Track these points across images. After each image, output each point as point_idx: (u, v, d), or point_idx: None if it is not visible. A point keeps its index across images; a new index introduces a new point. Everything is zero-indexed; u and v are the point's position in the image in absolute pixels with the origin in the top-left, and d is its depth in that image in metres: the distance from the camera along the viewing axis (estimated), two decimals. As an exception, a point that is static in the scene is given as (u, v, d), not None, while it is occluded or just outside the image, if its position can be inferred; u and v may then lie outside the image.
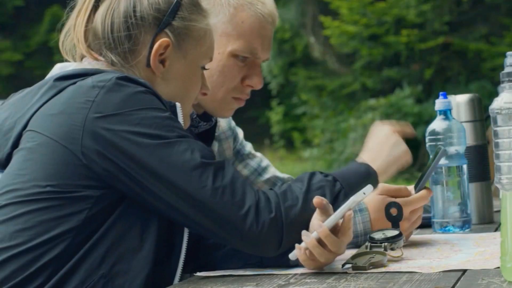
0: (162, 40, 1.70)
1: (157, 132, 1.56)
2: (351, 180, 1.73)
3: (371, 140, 1.94)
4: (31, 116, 1.63)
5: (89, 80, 1.60)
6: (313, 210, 1.63)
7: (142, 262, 1.58)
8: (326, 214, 1.60)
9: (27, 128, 1.62)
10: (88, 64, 1.70)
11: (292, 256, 1.58)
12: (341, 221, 1.58)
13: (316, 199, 1.59)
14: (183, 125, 1.67)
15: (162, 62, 1.72)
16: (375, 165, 1.82)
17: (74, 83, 1.61)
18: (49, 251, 1.54)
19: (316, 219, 1.62)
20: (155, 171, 1.55)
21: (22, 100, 1.68)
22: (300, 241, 1.58)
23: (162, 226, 1.62)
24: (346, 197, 1.65)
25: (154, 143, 1.56)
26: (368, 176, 1.77)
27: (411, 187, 1.92)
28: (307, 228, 1.61)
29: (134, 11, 1.68)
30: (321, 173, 1.72)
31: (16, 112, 1.67)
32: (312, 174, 1.69)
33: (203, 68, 1.79)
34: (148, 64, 1.70)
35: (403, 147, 1.93)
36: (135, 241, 1.58)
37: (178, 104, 1.67)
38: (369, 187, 1.62)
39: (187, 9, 1.73)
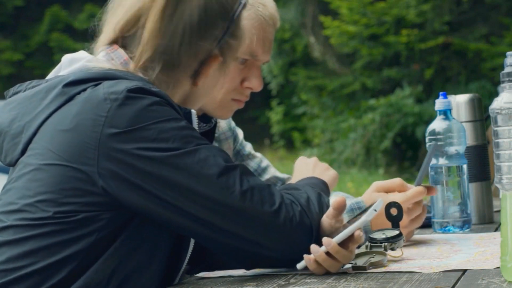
0: (215, 59, 1.65)
1: (175, 145, 1.50)
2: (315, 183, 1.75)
3: (300, 170, 1.94)
4: (41, 124, 1.55)
5: (100, 91, 1.52)
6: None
7: (150, 281, 1.54)
8: (339, 215, 1.60)
9: (37, 137, 1.55)
10: (102, 57, 1.62)
11: (300, 266, 1.57)
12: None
13: (338, 200, 1.59)
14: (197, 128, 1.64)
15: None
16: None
17: (84, 89, 1.54)
18: (56, 274, 1.48)
19: (326, 223, 1.61)
20: (178, 184, 1.49)
21: (30, 102, 1.59)
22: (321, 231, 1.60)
23: (171, 243, 1.57)
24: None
25: (173, 155, 1.49)
26: (322, 182, 1.77)
27: (411, 187, 1.92)
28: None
29: (199, 21, 1.61)
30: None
31: (24, 115, 1.58)
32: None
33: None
34: (192, 75, 1.65)
35: (332, 171, 1.95)
36: (144, 258, 1.53)
37: (193, 112, 1.65)
38: (379, 202, 1.61)
39: (237, 27, 1.69)
